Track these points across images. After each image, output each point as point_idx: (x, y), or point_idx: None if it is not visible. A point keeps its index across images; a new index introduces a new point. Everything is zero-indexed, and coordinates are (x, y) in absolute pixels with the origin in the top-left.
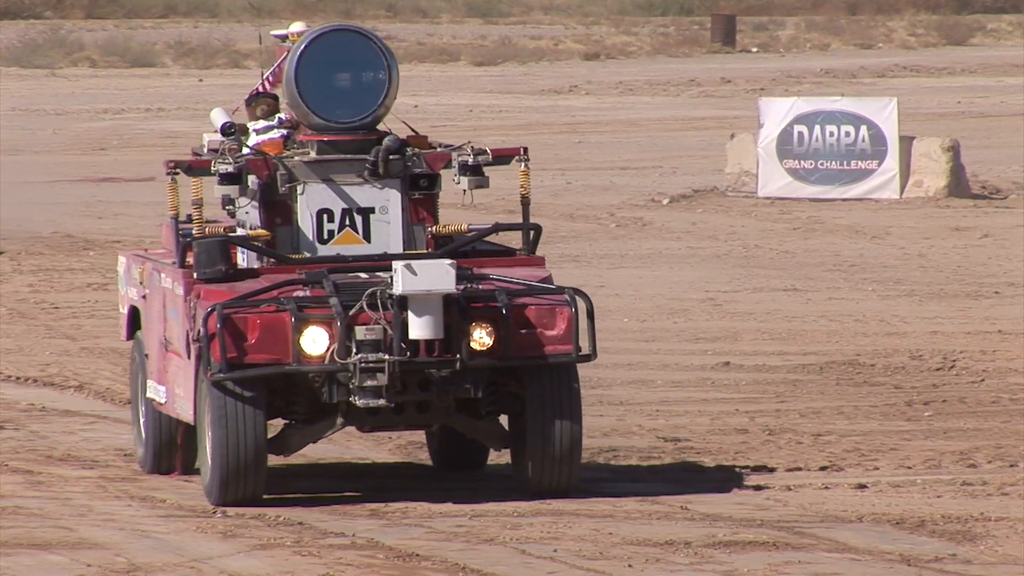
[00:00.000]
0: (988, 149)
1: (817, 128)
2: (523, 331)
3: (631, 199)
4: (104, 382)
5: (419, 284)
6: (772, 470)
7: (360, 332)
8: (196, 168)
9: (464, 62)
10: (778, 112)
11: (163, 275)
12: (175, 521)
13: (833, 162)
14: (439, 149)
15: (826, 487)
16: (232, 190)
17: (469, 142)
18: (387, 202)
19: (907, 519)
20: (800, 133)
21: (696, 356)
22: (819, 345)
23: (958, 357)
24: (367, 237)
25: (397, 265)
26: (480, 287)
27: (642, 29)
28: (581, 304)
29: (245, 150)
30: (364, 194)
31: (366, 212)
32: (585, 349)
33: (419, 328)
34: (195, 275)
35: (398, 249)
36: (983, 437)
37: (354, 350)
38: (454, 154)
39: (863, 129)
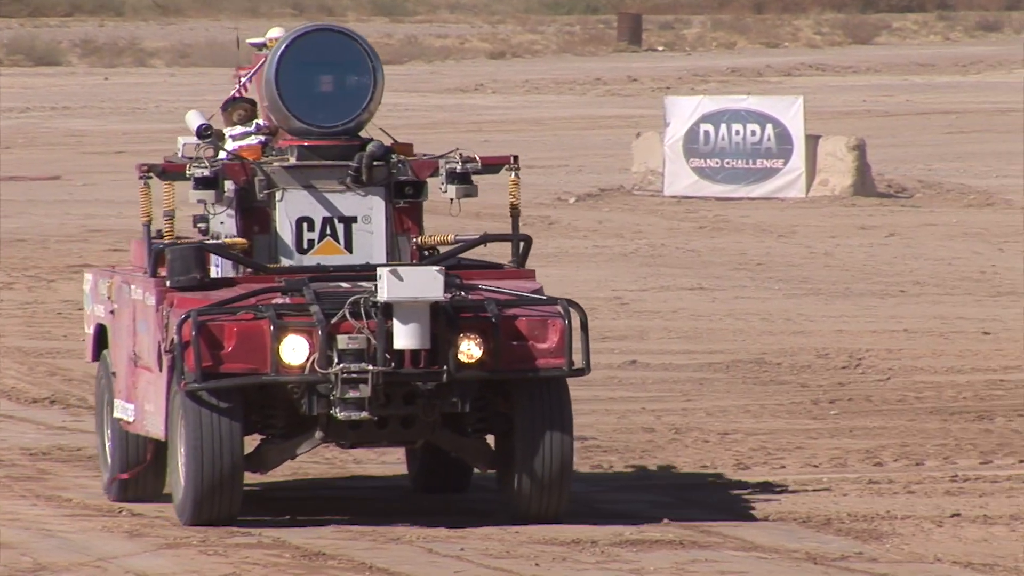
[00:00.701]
0: (894, 148)
1: (723, 127)
2: (514, 343)
3: (537, 198)
4: (9, 381)
5: (405, 291)
6: (678, 469)
7: (342, 341)
8: (170, 172)
9: None
10: (684, 111)
11: (133, 287)
12: (81, 520)
13: (739, 161)
14: (424, 156)
15: (733, 486)
16: (208, 195)
17: (457, 149)
18: (370, 211)
19: (813, 517)
20: (706, 132)
21: (603, 355)
22: (725, 344)
23: (864, 356)
24: (349, 247)
25: (382, 271)
26: (469, 296)
27: (548, 28)
28: (574, 316)
29: (222, 154)
30: (346, 202)
31: (348, 221)
32: (578, 363)
33: (404, 337)
34: (168, 283)
35: (381, 260)
36: (889, 435)
37: (335, 360)
38: (441, 161)
39: (769, 128)
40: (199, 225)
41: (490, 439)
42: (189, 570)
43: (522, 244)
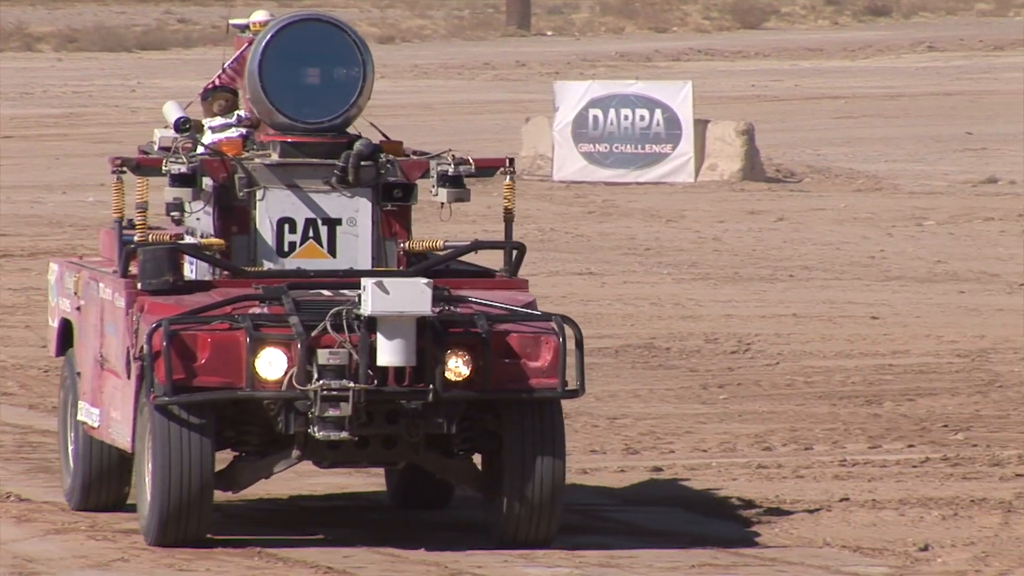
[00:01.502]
0: (782, 132)
1: (612, 112)
2: (505, 361)
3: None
4: None
5: (391, 304)
6: (568, 453)
7: (323, 356)
8: (145, 167)
9: None
10: (573, 96)
11: (102, 285)
12: None
13: (628, 146)
14: (415, 157)
15: (622, 470)
16: (184, 192)
17: (450, 150)
18: (356, 213)
19: (703, 502)
20: (595, 117)
21: None
22: (615, 328)
23: (753, 340)
24: (332, 251)
25: (367, 282)
26: (458, 310)
27: (437, 12)
28: (569, 333)
29: (200, 149)
30: (331, 203)
31: (332, 223)
32: (572, 384)
33: (389, 354)
34: (139, 286)
35: (367, 265)
36: (778, 420)
37: (315, 376)
38: (432, 163)
39: (658, 113)
40: (172, 214)
41: (477, 459)
42: (77, 555)
43: (515, 252)
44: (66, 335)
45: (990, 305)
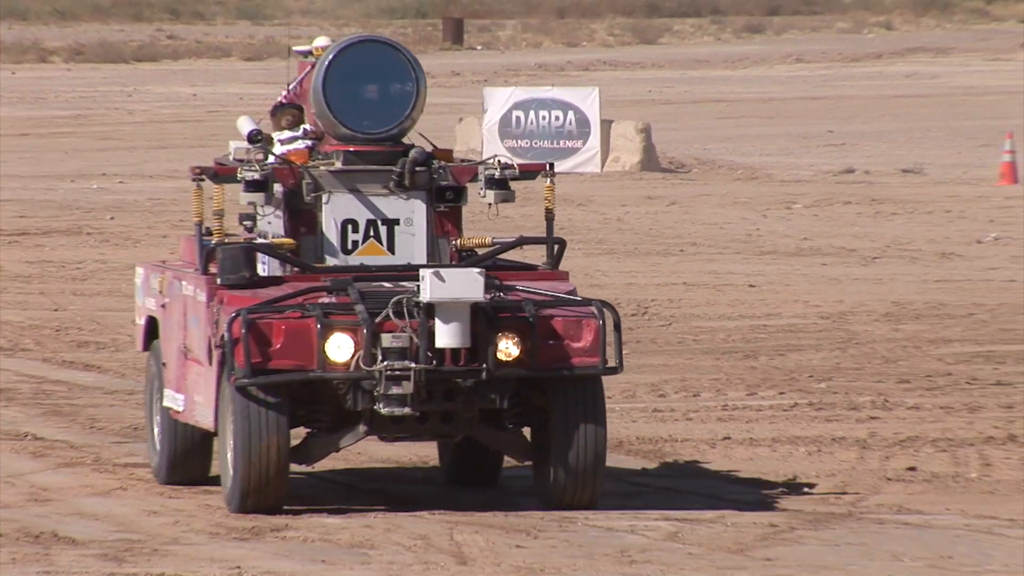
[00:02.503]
0: (675, 131)
1: (532, 113)
2: (550, 342)
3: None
4: None
5: (447, 292)
6: None
7: (386, 339)
8: (222, 175)
9: (235, 57)
10: (499, 100)
11: (184, 283)
12: None
13: (545, 141)
14: (464, 162)
15: None
16: (258, 198)
17: (495, 156)
18: (412, 214)
19: (609, 441)
20: (518, 117)
21: None
22: None
23: (650, 305)
24: (391, 248)
25: (425, 272)
26: (507, 297)
27: (385, 30)
28: (608, 316)
29: (271, 159)
30: (389, 205)
31: (391, 223)
32: (612, 362)
33: (446, 336)
34: (218, 281)
35: (422, 261)
36: (670, 372)
37: (380, 357)
38: (480, 168)
39: (570, 114)
40: (245, 223)
41: (527, 432)
42: (84, 485)
43: (556, 247)
44: (151, 331)
45: (848, 275)
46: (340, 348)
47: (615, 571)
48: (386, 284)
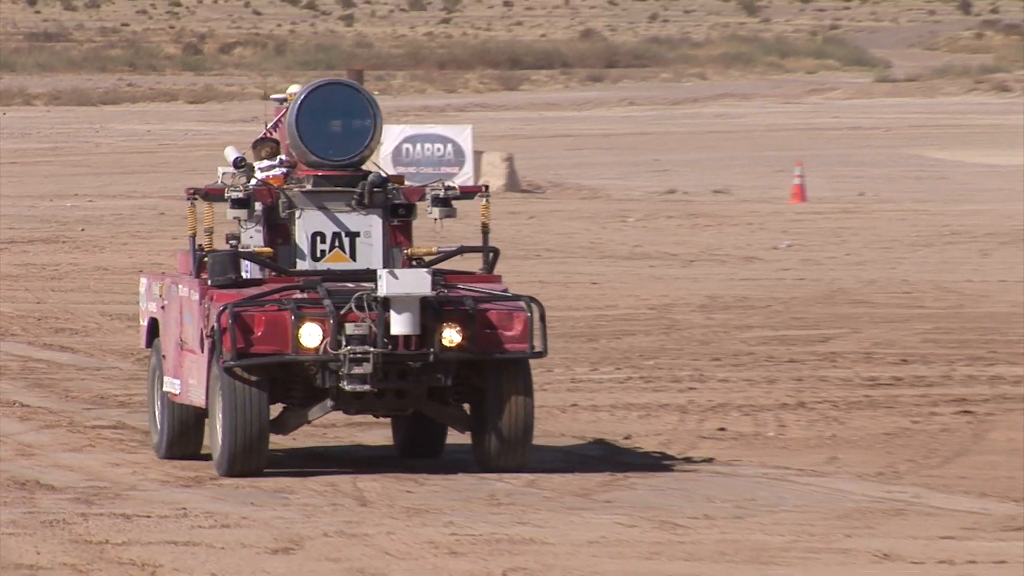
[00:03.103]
0: (532, 160)
1: (418, 145)
2: (486, 331)
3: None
4: None
5: (400, 287)
6: None
7: (349, 328)
8: (211, 195)
9: (181, 101)
10: (392, 135)
11: (180, 286)
12: None
13: (429, 168)
14: (413, 185)
15: None
16: (241, 213)
17: (440, 180)
18: (370, 228)
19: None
20: (407, 148)
21: None
22: None
23: None
24: (353, 256)
25: (382, 272)
26: (450, 293)
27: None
28: (535, 309)
29: (253, 181)
30: (351, 220)
31: (353, 235)
32: (538, 347)
33: (399, 325)
34: (209, 282)
35: (379, 267)
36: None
37: (344, 343)
38: (427, 189)
39: (449, 146)
40: (231, 241)
41: (467, 407)
42: (61, 442)
43: (492, 254)
44: (152, 330)
45: (670, 275)
46: (311, 335)
47: (485, 511)
48: (348, 284)
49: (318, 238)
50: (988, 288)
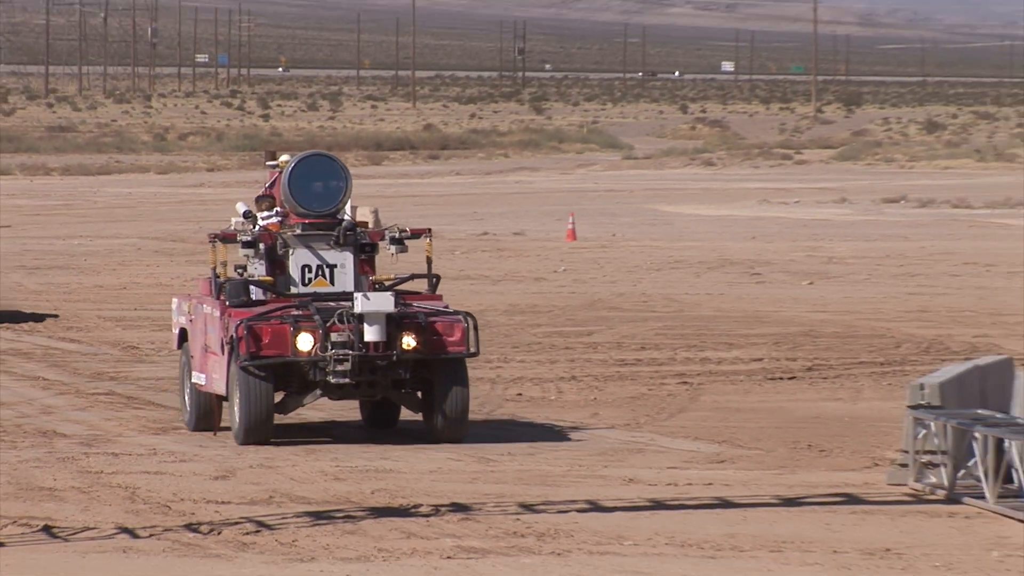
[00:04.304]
0: (391, 212)
1: None
2: (435, 337)
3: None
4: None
5: (371, 306)
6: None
7: (334, 336)
8: (227, 238)
9: (152, 172)
10: None
11: (204, 305)
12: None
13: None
14: (375, 229)
15: None
16: (249, 251)
17: (395, 225)
18: (345, 261)
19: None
20: None
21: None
22: None
23: None
24: (332, 282)
25: (358, 295)
26: (408, 310)
27: (233, 157)
28: (470, 321)
29: (257, 228)
30: (331, 255)
31: (331, 267)
32: (473, 349)
33: (371, 334)
34: (227, 303)
35: (351, 289)
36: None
37: (330, 347)
38: (387, 232)
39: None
40: (238, 271)
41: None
42: (70, 404)
43: (434, 279)
44: (182, 338)
45: (484, 290)
46: (305, 342)
47: (360, 451)
48: (331, 303)
49: (306, 269)
50: (699, 299)
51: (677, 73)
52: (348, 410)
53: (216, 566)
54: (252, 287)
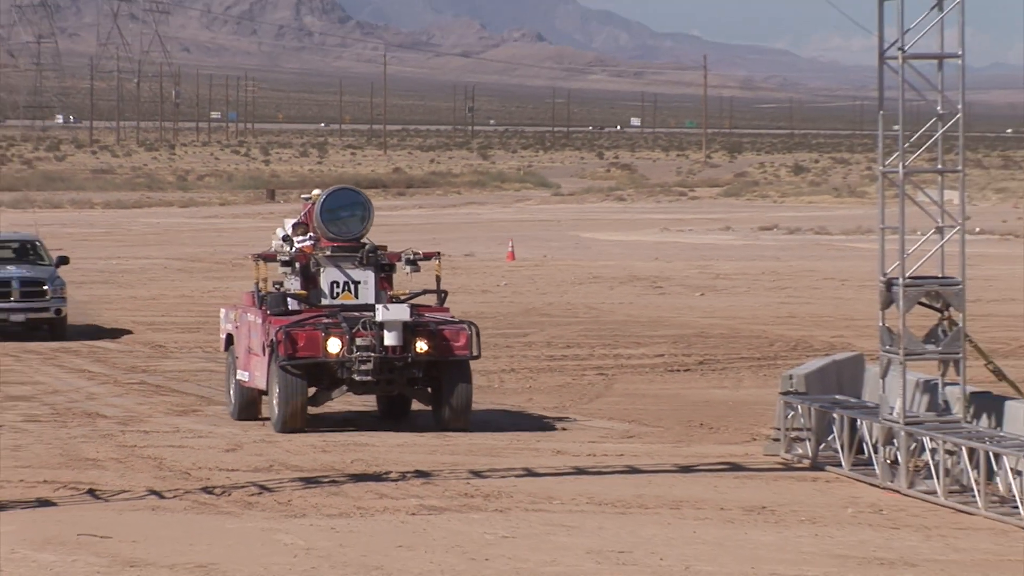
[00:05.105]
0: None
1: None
2: (443, 342)
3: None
4: None
5: (390, 315)
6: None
7: (358, 341)
8: (267, 258)
9: (175, 206)
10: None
11: (248, 314)
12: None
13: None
14: (392, 251)
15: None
16: (288, 269)
17: (410, 248)
18: (367, 278)
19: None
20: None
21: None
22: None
23: None
24: (357, 296)
25: (378, 306)
26: (421, 319)
27: (240, 194)
28: (473, 328)
29: (294, 249)
30: (355, 274)
31: (356, 283)
32: (475, 352)
33: (390, 339)
34: (268, 312)
35: (372, 301)
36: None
37: (355, 350)
38: (403, 254)
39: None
40: (275, 286)
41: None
42: (110, 391)
43: (443, 294)
44: (228, 342)
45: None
46: (334, 345)
47: (340, 429)
48: (356, 313)
49: (335, 284)
50: (614, 307)
51: (592, 128)
52: (366, 403)
53: (227, 521)
54: (289, 299)
